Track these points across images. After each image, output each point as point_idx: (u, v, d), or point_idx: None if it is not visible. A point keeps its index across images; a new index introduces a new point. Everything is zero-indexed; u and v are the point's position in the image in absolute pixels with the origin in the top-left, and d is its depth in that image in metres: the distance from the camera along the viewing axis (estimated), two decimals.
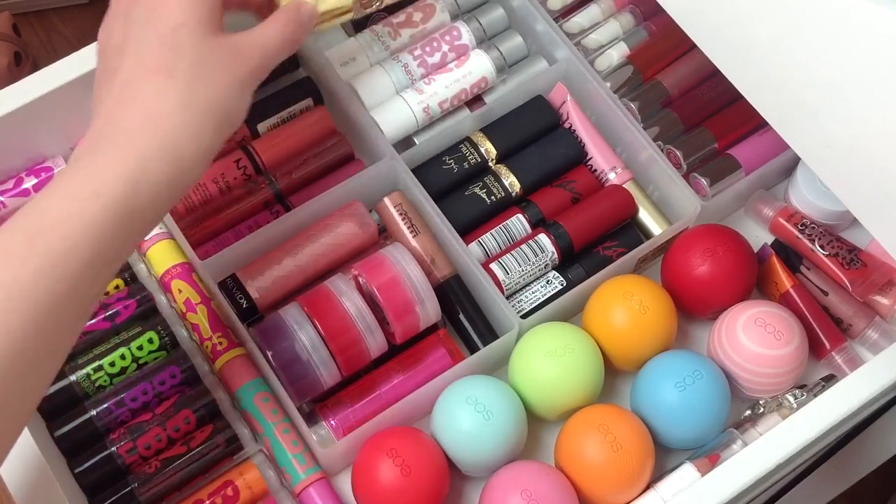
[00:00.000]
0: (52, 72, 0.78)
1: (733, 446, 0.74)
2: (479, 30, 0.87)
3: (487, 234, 0.81)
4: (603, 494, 0.73)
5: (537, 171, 0.83)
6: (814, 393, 0.76)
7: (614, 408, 0.75)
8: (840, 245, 0.82)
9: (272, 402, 0.76)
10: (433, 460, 0.73)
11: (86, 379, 0.76)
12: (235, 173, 0.82)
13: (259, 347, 0.74)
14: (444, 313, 0.78)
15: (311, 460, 0.75)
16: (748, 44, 0.66)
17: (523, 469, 0.73)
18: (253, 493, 0.74)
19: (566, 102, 0.86)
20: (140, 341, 0.77)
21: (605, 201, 0.82)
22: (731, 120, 0.85)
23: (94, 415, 0.75)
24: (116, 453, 0.74)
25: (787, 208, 0.84)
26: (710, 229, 0.80)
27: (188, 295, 0.79)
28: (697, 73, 0.86)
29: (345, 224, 0.79)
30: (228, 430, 0.76)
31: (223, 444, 0.75)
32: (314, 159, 0.84)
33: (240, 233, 0.80)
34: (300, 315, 0.74)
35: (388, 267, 0.75)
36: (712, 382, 0.75)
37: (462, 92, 0.84)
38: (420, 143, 0.84)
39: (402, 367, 0.77)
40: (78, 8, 1.29)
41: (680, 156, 0.84)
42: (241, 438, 0.76)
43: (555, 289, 0.80)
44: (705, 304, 0.80)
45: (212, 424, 0.76)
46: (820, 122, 0.64)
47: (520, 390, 0.76)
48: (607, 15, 0.89)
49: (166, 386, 0.76)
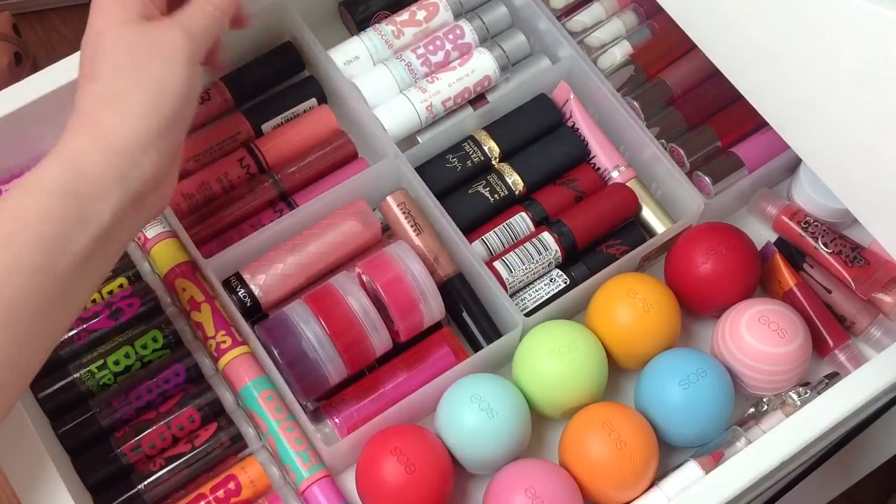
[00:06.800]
0: (52, 72, 0.78)
1: (737, 444, 0.74)
2: (482, 28, 0.87)
3: (491, 232, 0.81)
4: (607, 492, 0.73)
5: (540, 169, 0.84)
6: (817, 391, 0.76)
7: (618, 406, 0.75)
8: (843, 243, 0.82)
9: (276, 400, 0.76)
10: (437, 458, 0.73)
11: (90, 377, 0.76)
12: (239, 172, 0.82)
13: (265, 345, 0.74)
14: (448, 311, 0.78)
15: (315, 458, 0.75)
16: (748, 44, 0.66)
17: (527, 467, 0.73)
18: (256, 489, 0.74)
19: (569, 101, 0.86)
20: (144, 340, 0.77)
21: (608, 200, 0.82)
22: (734, 118, 0.85)
23: (98, 413, 0.75)
24: (121, 452, 0.74)
25: (790, 206, 0.84)
26: (714, 227, 0.80)
27: (192, 293, 0.78)
28: (700, 71, 0.86)
29: (348, 222, 0.79)
30: (233, 428, 0.76)
31: (227, 443, 0.75)
32: (318, 158, 0.84)
33: (243, 231, 0.80)
34: (306, 313, 0.74)
35: (392, 265, 0.75)
36: (716, 380, 0.75)
37: (465, 90, 0.84)
38: (423, 141, 0.84)
39: (406, 366, 0.77)
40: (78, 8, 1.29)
41: (683, 154, 0.84)
42: (245, 436, 0.76)
43: (558, 287, 0.80)
44: (709, 302, 0.80)
45: (216, 422, 0.76)
46: (820, 122, 0.64)
47: (524, 388, 0.76)
48: (610, 13, 0.89)
49: (170, 384, 0.76)
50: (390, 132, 0.82)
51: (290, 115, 0.85)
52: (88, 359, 0.77)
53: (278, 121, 0.85)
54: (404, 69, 0.85)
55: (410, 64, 0.85)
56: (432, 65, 0.85)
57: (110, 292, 0.79)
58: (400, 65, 0.85)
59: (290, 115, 0.85)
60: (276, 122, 0.85)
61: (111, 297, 0.79)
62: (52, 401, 0.76)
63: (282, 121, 0.85)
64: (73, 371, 0.76)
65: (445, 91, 0.84)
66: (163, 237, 0.81)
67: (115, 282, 0.79)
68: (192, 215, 0.81)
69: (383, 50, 0.86)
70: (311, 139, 0.84)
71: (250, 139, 0.84)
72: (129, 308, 0.78)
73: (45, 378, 0.76)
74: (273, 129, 0.85)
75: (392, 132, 0.83)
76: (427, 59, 0.85)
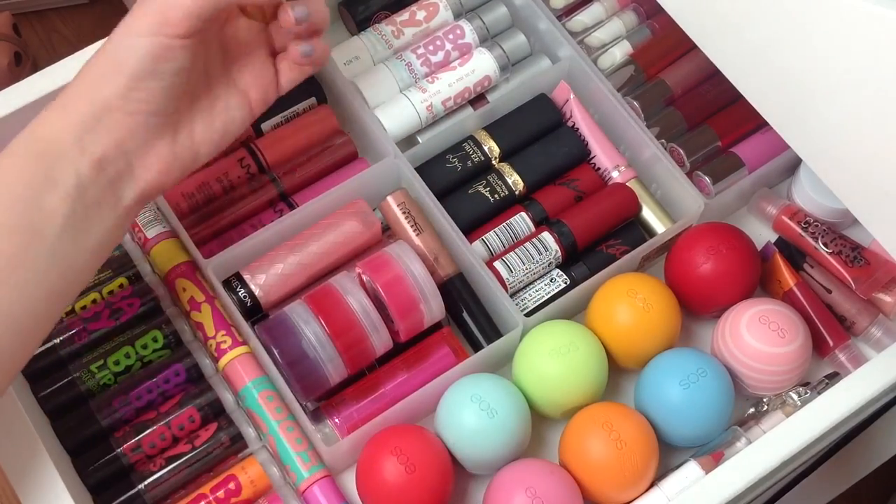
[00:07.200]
0: (52, 72, 0.79)
1: (737, 444, 0.74)
2: (482, 28, 0.87)
3: (491, 232, 0.81)
4: (607, 492, 0.73)
5: (541, 169, 0.84)
6: (817, 391, 0.76)
7: (618, 406, 0.75)
8: (843, 243, 0.82)
9: (276, 401, 0.76)
10: (437, 458, 0.73)
11: (90, 377, 0.76)
12: (239, 172, 0.82)
13: (265, 345, 0.74)
14: (448, 311, 0.78)
15: (315, 458, 0.75)
16: (748, 44, 0.66)
17: (527, 467, 0.73)
18: (256, 489, 0.74)
19: (569, 101, 0.86)
20: (144, 340, 0.77)
21: (608, 200, 0.82)
22: (734, 118, 0.85)
23: (98, 413, 0.75)
24: (121, 452, 0.74)
25: (790, 206, 0.84)
26: (714, 227, 0.80)
27: (192, 293, 0.78)
28: (700, 71, 0.86)
29: (348, 222, 0.79)
30: (233, 428, 0.76)
31: (227, 443, 0.75)
32: (318, 158, 0.84)
33: (244, 231, 0.81)
34: (306, 313, 0.74)
35: (392, 265, 0.75)
36: (716, 380, 0.75)
37: (465, 90, 0.84)
38: (423, 141, 0.84)
39: (406, 366, 0.77)
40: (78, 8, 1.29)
41: (683, 154, 0.84)
42: (245, 436, 0.76)
43: (558, 287, 0.80)
44: (709, 302, 0.80)
45: (216, 422, 0.76)
46: (820, 122, 0.64)
47: (524, 388, 0.76)
48: (610, 13, 0.89)
49: (171, 384, 0.76)
50: (390, 132, 0.82)
51: (290, 114, 0.85)
52: (88, 359, 0.77)
53: (278, 120, 0.85)
54: (404, 69, 0.85)
55: (410, 64, 0.85)
56: (432, 65, 0.85)
57: (110, 292, 0.79)
58: (400, 65, 0.85)
59: (289, 114, 0.85)
60: (276, 121, 0.85)
61: (111, 297, 0.79)
62: (52, 401, 0.76)
63: (282, 120, 0.85)
64: (73, 371, 0.76)
65: (445, 91, 0.84)
66: (163, 237, 0.81)
67: (116, 282, 0.80)
68: (192, 215, 0.81)
69: (383, 50, 0.86)
70: (311, 139, 0.84)
71: (250, 139, 0.84)
72: (129, 308, 0.78)
73: (45, 378, 0.76)
74: (273, 128, 0.85)
75: (392, 132, 0.83)
76: (427, 59, 0.85)
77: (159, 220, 0.81)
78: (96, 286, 0.79)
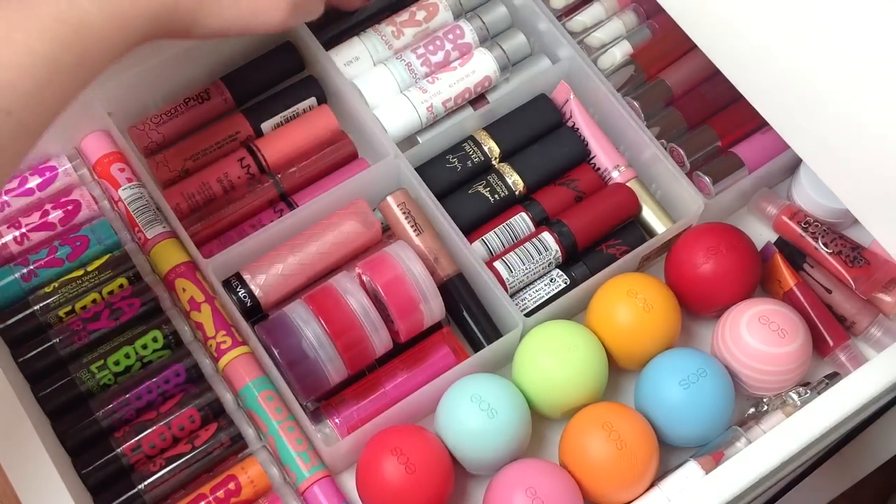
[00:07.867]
0: None
1: (737, 444, 0.74)
2: (482, 28, 0.87)
3: (491, 232, 0.81)
4: (607, 492, 0.73)
5: (541, 169, 0.84)
6: (817, 391, 0.76)
7: (618, 406, 0.75)
8: (843, 243, 0.82)
9: (276, 401, 0.76)
10: (437, 458, 0.73)
11: (90, 377, 0.76)
12: (239, 172, 0.82)
13: (265, 345, 0.74)
14: (448, 311, 0.78)
15: (315, 458, 0.75)
16: (748, 44, 0.66)
17: (527, 467, 0.73)
18: (256, 489, 0.74)
19: (569, 101, 0.86)
20: (144, 340, 0.77)
21: (608, 200, 0.82)
22: (734, 118, 0.85)
23: (98, 414, 0.75)
24: (121, 452, 0.74)
25: (790, 206, 0.84)
26: (714, 227, 0.80)
27: (192, 293, 0.78)
28: (700, 71, 0.86)
29: (348, 222, 0.79)
30: (233, 429, 0.76)
31: (227, 443, 0.75)
32: (318, 158, 0.84)
33: (243, 231, 0.81)
34: (306, 313, 0.74)
35: (392, 265, 0.75)
36: (716, 380, 0.75)
37: (465, 91, 0.84)
38: (423, 141, 0.84)
39: (406, 366, 0.77)
40: None
41: (683, 154, 0.84)
42: (245, 437, 0.76)
43: (558, 287, 0.80)
44: (709, 302, 0.80)
45: (216, 423, 0.76)
46: (820, 122, 0.64)
47: (524, 388, 0.76)
48: (610, 13, 0.89)
49: (171, 384, 0.76)
50: (390, 132, 0.82)
51: (290, 114, 0.85)
52: (88, 359, 0.77)
53: (278, 120, 0.85)
54: (404, 69, 0.85)
55: (410, 64, 0.85)
56: (432, 65, 0.85)
57: (110, 292, 0.79)
58: (400, 65, 0.85)
59: (290, 114, 0.85)
60: (276, 121, 0.85)
61: (111, 297, 0.79)
62: (52, 401, 0.76)
63: (282, 121, 0.85)
64: (73, 371, 0.76)
65: (446, 91, 0.84)
66: (163, 237, 0.81)
67: (116, 282, 0.79)
68: (193, 215, 0.81)
69: (383, 50, 0.86)
70: (311, 139, 0.84)
71: (250, 139, 0.84)
72: (129, 308, 0.78)
73: (45, 378, 0.76)
74: (273, 129, 0.85)
75: (392, 132, 0.83)
76: (427, 60, 0.85)
77: (159, 220, 0.81)
78: (96, 286, 0.79)
